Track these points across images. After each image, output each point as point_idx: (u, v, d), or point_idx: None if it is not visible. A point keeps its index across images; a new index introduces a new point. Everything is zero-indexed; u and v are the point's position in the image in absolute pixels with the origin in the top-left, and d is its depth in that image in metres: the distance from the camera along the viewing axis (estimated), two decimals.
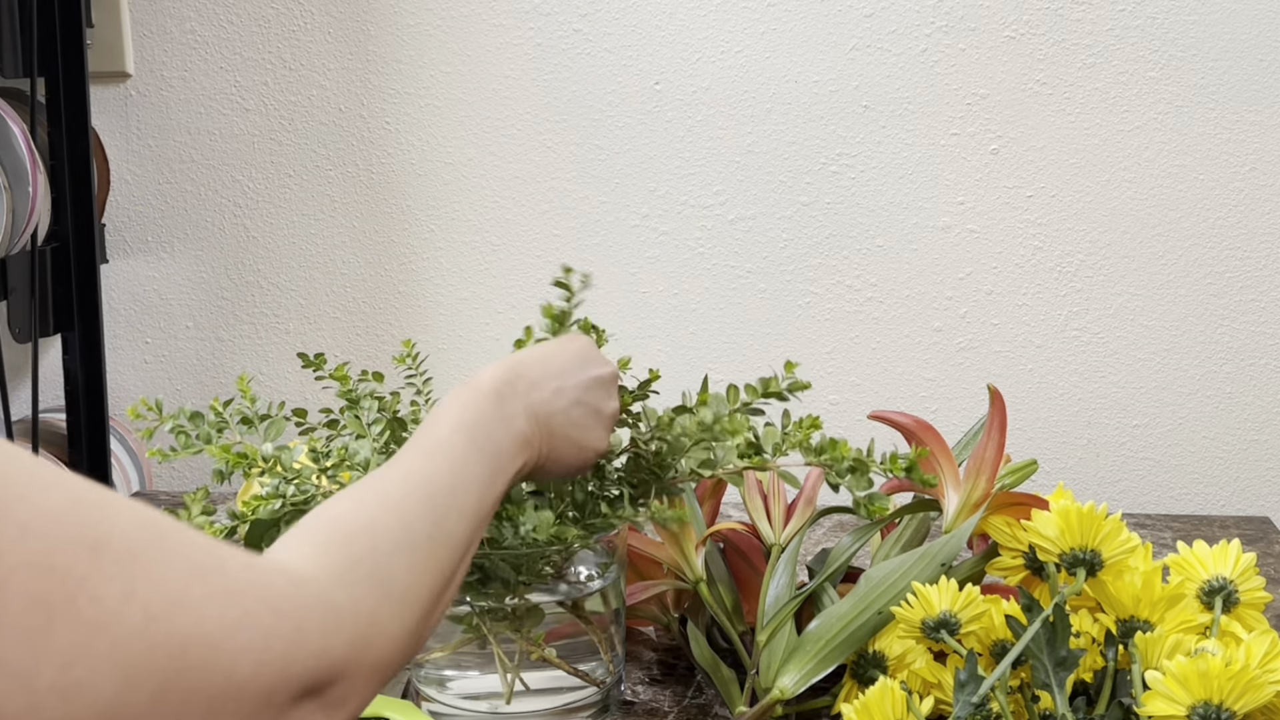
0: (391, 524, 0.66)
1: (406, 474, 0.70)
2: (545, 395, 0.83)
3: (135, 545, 0.53)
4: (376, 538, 0.64)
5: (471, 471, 0.74)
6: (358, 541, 0.63)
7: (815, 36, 1.49)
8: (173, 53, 1.57)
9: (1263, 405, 1.52)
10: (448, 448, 0.74)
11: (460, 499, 0.72)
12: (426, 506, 0.69)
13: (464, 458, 0.74)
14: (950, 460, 1.05)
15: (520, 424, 0.81)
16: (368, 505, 0.66)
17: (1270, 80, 1.45)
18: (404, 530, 0.66)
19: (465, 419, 0.77)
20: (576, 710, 0.99)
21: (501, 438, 0.78)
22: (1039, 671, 0.86)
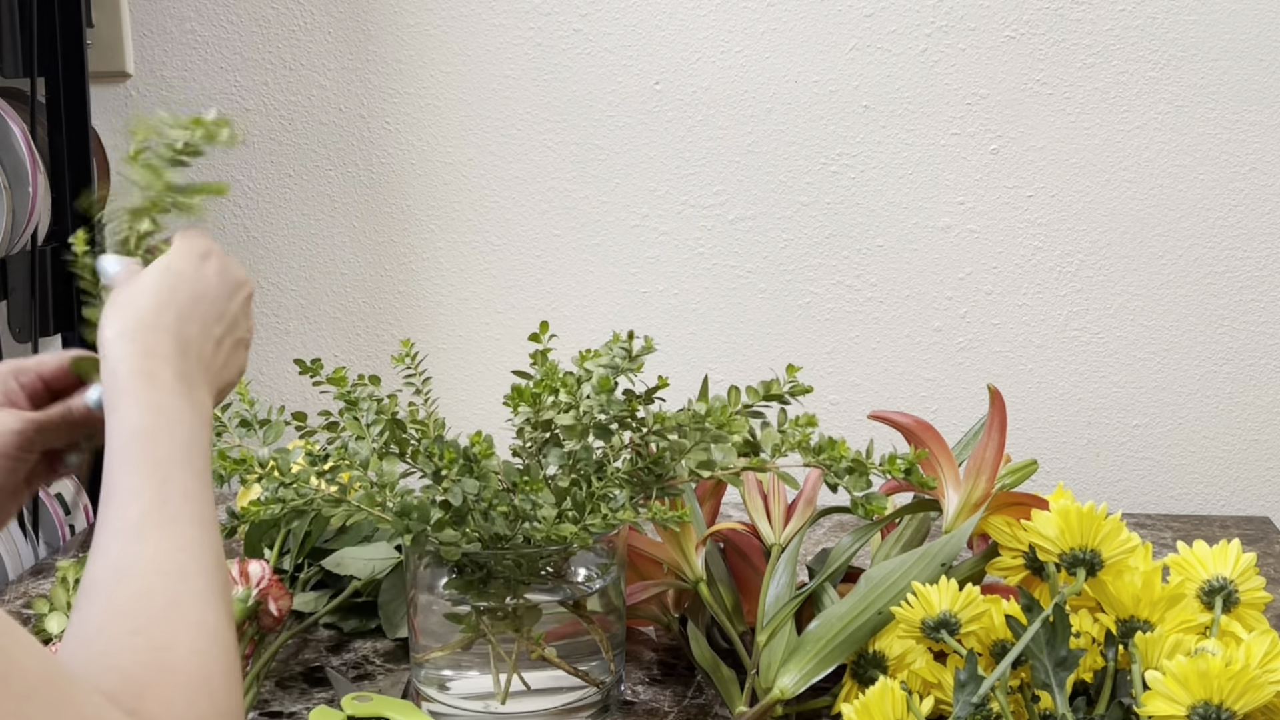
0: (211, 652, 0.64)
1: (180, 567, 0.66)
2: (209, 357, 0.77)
3: (31, 685, 0.53)
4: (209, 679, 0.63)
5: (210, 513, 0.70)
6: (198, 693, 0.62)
7: (815, 36, 1.49)
8: (173, 53, 1.57)
9: (1263, 405, 1.52)
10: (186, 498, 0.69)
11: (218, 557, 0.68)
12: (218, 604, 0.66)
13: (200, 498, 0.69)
14: (950, 460, 1.05)
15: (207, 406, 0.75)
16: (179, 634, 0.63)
17: (1270, 80, 1.45)
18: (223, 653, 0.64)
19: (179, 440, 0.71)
20: (576, 710, 0.99)
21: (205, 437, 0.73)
22: (1039, 671, 0.86)
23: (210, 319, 0.78)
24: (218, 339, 0.78)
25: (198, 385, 0.75)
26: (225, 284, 0.80)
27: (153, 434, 0.70)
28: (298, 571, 1.20)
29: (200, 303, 0.77)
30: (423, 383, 1.05)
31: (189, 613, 0.64)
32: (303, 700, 1.04)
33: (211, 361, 0.77)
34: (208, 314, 0.78)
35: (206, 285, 0.78)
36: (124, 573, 0.65)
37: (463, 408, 1.57)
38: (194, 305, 0.77)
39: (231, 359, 0.80)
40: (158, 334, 0.74)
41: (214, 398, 0.77)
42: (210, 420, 0.75)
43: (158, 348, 0.73)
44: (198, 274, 0.79)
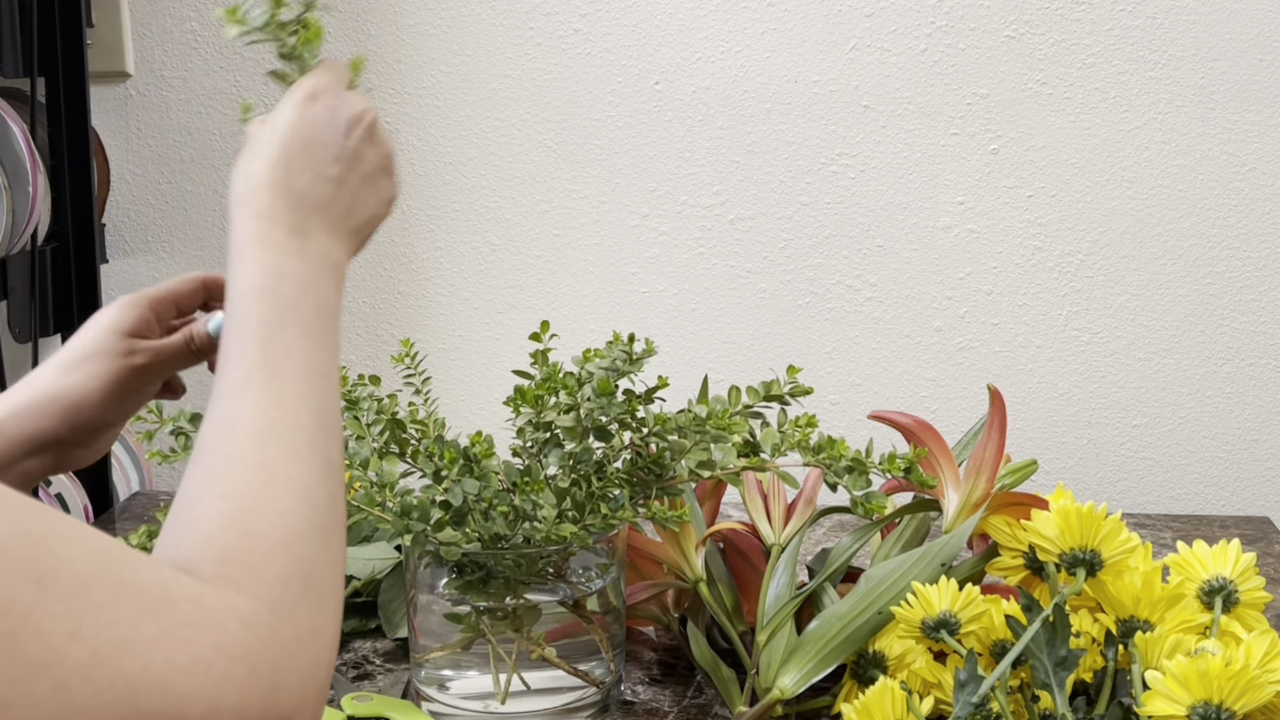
0: (299, 513, 0.61)
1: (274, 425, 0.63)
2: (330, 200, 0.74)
3: (84, 579, 0.51)
4: (294, 541, 0.60)
5: (318, 366, 0.67)
6: (281, 555, 0.59)
7: (815, 36, 1.49)
8: (173, 53, 1.57)
9: (1263, 405, 1.52)
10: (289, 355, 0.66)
11: (325, 417, 0.65)
12: (313, 462, 0.63)
13: (306, 353, 0.67)
14: (950, 460, 1.05)
15: (332, 254, 0.73)
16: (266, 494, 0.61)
17: (1270, 80, 1.45)
18: (313, 514, 0.61)
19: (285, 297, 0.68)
20: (576, 710, 0.99)
21: (322, 289, 0.71)
22: (1039, 671, 0.86)
23: (324, 161, 0.74)
24: (337, 178, 0.74)
25: (314, 234, 0.72)
26: (335, 121, 0.76)
27: (260, 293, 0.68)
28: None
29: (310, 148, 0.74)
30: (422, 383, 1.05)
31: (277, 471, 0.62)
32: None
33: (333, 204, 0.74)
34: (321, 158, 0.74)
35: (314, 128, 0.75)
36: (221, 435, 0.63)
37: (463, 408, 1.57)
38: (302, 153, 0.74)
39: (363, 193, 0.76)
40: (266, 191, 0.72)
41: (345, 239, 0.75)
42: (335, 265, 0.72)
43: (265, 207, 0.72)
44: (302, 119, 0.75)
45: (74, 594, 0.50)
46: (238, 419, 0.63)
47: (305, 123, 0.75)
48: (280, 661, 0.55)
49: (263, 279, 0.69)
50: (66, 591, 0.50)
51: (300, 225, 0.72)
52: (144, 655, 0.51)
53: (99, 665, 0.50)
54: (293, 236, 0.71)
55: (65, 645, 0.49)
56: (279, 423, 0.64)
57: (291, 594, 0.58)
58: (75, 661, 0.49)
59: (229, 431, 0.63)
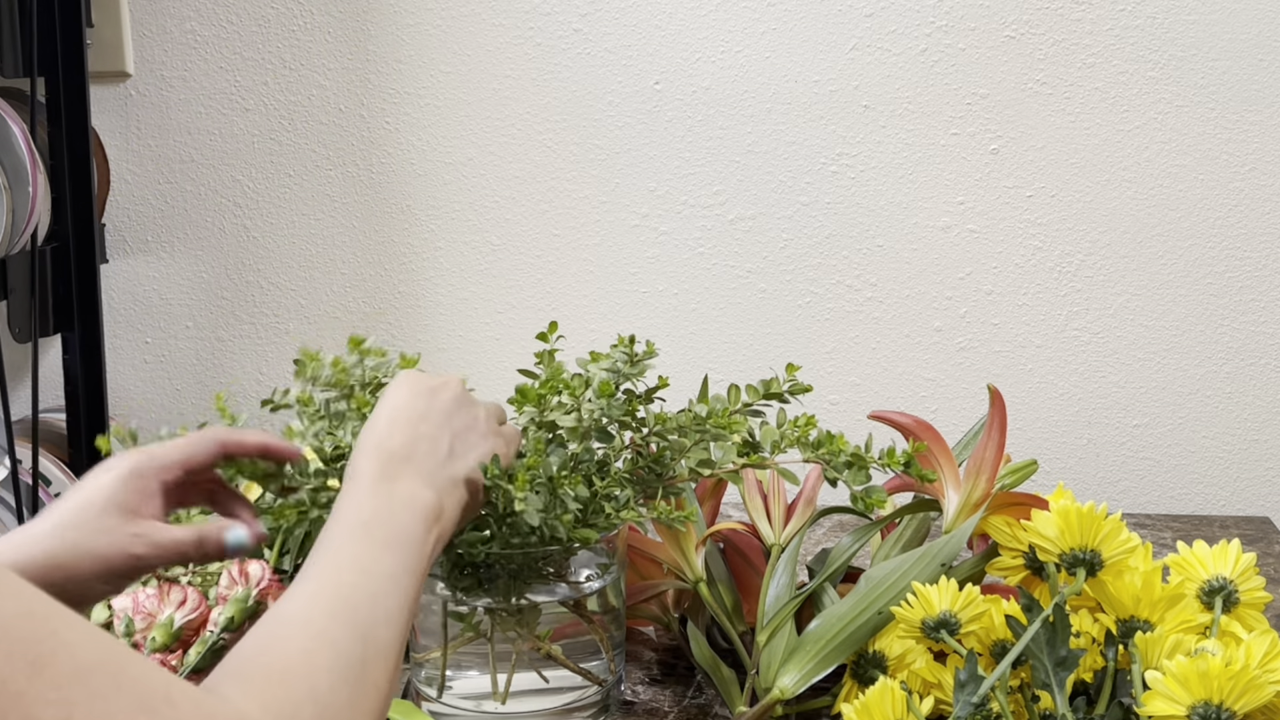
0: (323, 655, 0.63)
1: (323, 595, 0.68)
2: (424, 454, 0.80)
3: (83, 667, 0.51)
4: (313, 675, 0.62)
5: (385, 570, 0.71)
6: (296, 683, 0.61)
7: (815, 36, 1.49)
8: (173, 53, 1.57)
9: (1263, 405, 1.52)
10: (351, 557, 0.71)
11: (382, 605, 0.69)
12: (352, 627, 0.66)
13: (373, 561, 0.71)
14: (950, 460, 1.05)
15: (421, 495, 0.78)
16: (297, 638, 0.64)
17: (1270, 80, 1.45)
18: (337, 659, 0.64)
19: (362, 518, 0.74)
20: (576, 710, 0.99)
21: (404, 519, 0.75)
22: (1039, 671, 0.86)
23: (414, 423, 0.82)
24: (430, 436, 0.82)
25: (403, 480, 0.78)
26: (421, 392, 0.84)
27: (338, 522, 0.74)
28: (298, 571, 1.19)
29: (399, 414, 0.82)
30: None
31: (312, 624, 0.65)
32: None
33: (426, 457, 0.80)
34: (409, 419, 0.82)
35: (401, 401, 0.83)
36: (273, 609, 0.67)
37: None
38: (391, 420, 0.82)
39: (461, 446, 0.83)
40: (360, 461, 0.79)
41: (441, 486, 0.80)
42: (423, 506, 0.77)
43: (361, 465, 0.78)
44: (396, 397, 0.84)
45: (70, 681, 0.50)
46: (290, 597, 0.68)
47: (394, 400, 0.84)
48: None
49: (343, 513, 0.75)
50: (63, 678, 0.50)
51: (390, 473, 0.78)
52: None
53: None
54: (382, 481, 0.77)
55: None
56: (327, 595, 0.68)
57: (297, 711, 0.60)
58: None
59: (281, 605, 0.67)
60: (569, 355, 1.03)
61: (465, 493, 0.82)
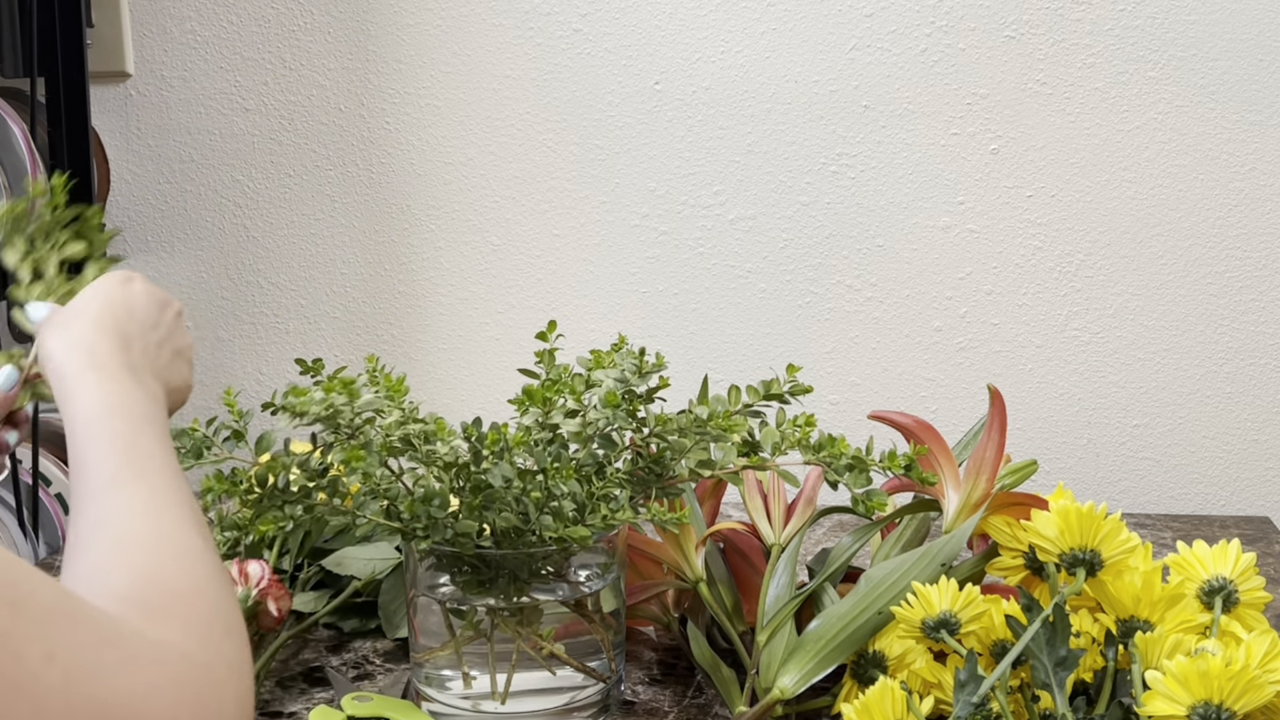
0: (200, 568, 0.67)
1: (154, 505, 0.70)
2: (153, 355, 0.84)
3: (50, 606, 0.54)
4: (203, 590, 0.66)
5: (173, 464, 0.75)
6: (197, 602, 0.65)
7: (815, 36, 1.49)
8: (173, 53, 1.57)
9: (1263, 405, 1.52)
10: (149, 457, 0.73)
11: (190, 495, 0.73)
12: (196, 529, 0.70)
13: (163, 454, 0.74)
14: (950, 460, 1.05)
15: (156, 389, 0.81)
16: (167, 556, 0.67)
17: (1270, 80, 1.45)
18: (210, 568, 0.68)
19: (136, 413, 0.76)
20: (576, 710, 0.99)
21: (159, 412, 0.79)
22: (1039, 671, 0.86)
23: (145, 326, 0.85)
24: (157, 343, 0.85)
25: (145, 374, 0.81)
26: (153, 299, 0.88)
27: (109, 411, 0.75)
28: (297, 571, 1.20)
29: (133, 312, 0.85)
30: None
31: (172, 540, 0.68)
32: (303, 700, 1.04)
33: (155, 360, 0.84)
34: (143, 321, 0.85)
35: (134, 298, 0.86)
36: (104, 523, 0.68)
37: (462, 408, 1.57)
38: (127, 314, 0.84)
39: (174, 365, 0.86)
40: (99, 336, 0.81)
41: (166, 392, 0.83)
42: (162, 404, 0.81)
43: (100, 347, 0.80)
44: (125, 291, 0.86)
45: (44, 619, 0.53)
46: (116, 509, 0.69)
47: (127, 294, 0.86)
48: (218, 693, 0.61)
49: (109, 399, 0.76)
50: (38, 617, 0.53)
51: (131, 364, 0.81)
52: (109, 681, 0.55)
53: (72, 688, 0.53)
54: (127, 370, 0.80)
55: (41, 668, 0.52)
56: (158, 504, 0.70)
57: (216, 634, 0.64)
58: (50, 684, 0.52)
59: (110, 520, 0.69)
60: (569, 355, 1.03)
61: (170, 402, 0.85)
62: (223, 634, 0.64)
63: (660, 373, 0.98)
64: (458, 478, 0.95)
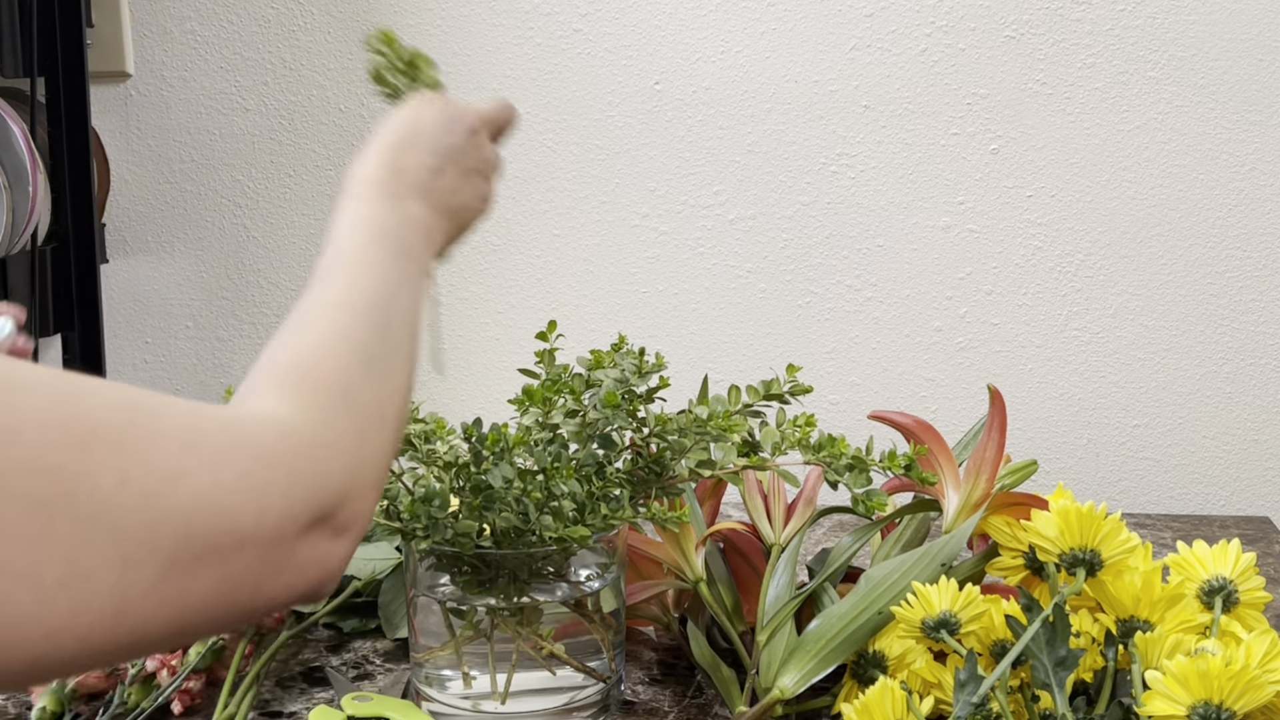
0: (349, 351, 0.67)
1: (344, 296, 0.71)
2: (427, 178, 0.83)
3: (122, 430, 0.54)
4: (341, 370, 0.66)
5: (397, 276, 0.75)
6: (326, 377, 0.65)
7: (815, 36, 1.49)
8: (173, 53, 1.57)
9: (1263, 405, 1.52)
10: (368, 263, 0.74)
11: (396, 307, 0.73)
12: (372, 324, 0.70)
13: (386, 267, 0.75)
14: (950, 460, 1.05)
15: (422, 217, 0.81)
16: (323, 338, 0.68)
17: (1270, 80, 1.45)
18: (362, 354, 0.68)
19: (373, 230, 0.77)
20: (576, 710, 0.99)
21: (409, 237, 0.79)
22: (1039, 671, 0.86)
23: (427, 149, 0.84)
24: (438, 168, 0.84)
25: (407, 202, 0.81)
26: (441, 118, 0.86)
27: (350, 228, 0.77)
28: None
29: (417, 138, 0.84)
30: None
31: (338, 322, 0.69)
32: (303, 700, 1.04)
33: (432, 185, 0.83)
34: (425, 145, 0.84)
35: (421, 123, 0.85)
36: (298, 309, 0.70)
37: (462, 407, 1.57)
38: (410, 141, 0.84)
39: (462, 184, 0.86)
40: (374, 168, 0.81)
41: (439, 215, 0.84)
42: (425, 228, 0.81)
43: (370, 177, 0.81)
44: (415, 115, 0.86)
45: (115, 446, 0.53)
46: (312, 300, 0.71)
47: (416, 119, 0.86)
48: (320, 465, 0.61)
49: (355, 219, 0.77)
50: (108, 446, 0.53)
51: (396, 192, 0.81)
52: (191, 485, 0.55)
53: (150, 503, 0.53)
54: (387, 198, 0.80)
55: (117, 493, 0.53)
56: (348, 299, 0.71)
57: (332, 407, 0.63)
58: (128, 506, 0.53)
59: (304, 307, 0.70)
60: (568, 355, 1.03)
61: (451, 224, 0.86)
62: (341, 409, 0.64)
63: (660, 373, 0.98)
64: (458, 477, 0.95)
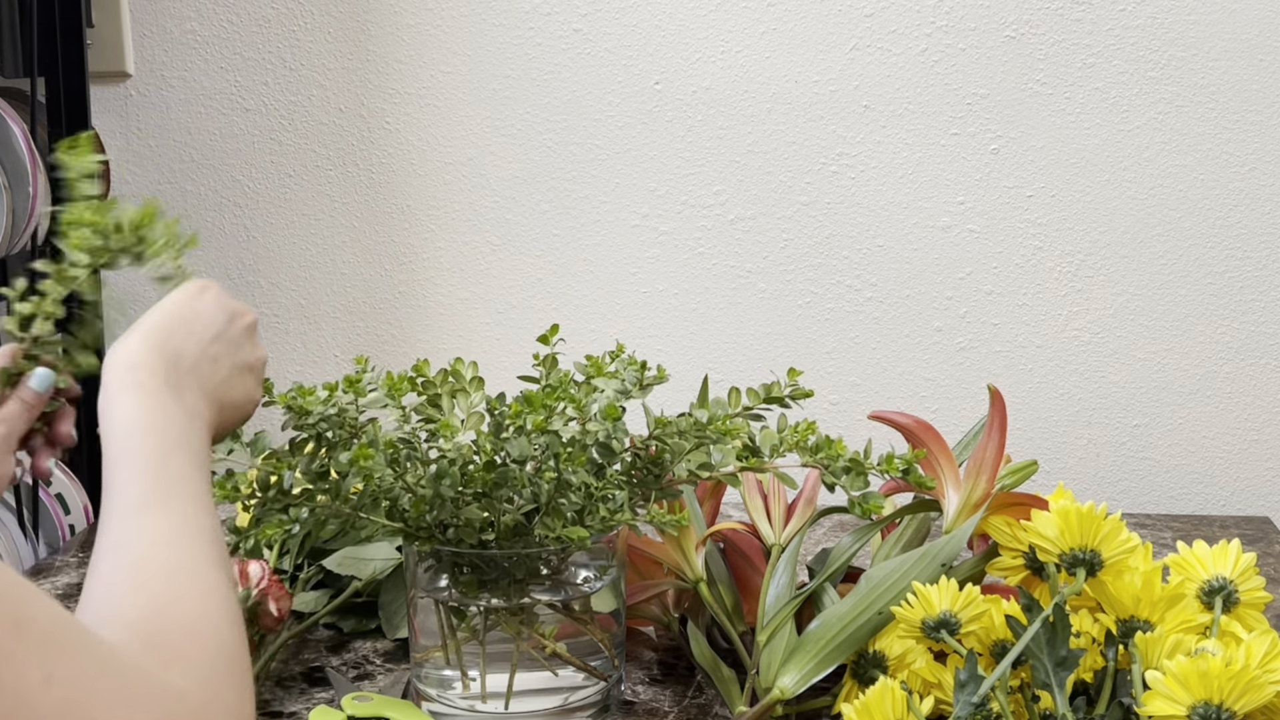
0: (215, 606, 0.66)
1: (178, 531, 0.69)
2: (206, 371, 0.81)
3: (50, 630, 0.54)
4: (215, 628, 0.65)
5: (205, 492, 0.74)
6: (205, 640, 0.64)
7: (815, 36, 1.49)
8: (173, 53, 1.57)
9: (1263, 405, 1.52)
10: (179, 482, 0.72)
11: (217, 531, 0.72)
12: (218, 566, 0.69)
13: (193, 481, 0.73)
14: (950, 460, 1.05)
15: (202, 412, 0.79)
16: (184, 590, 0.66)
17: (1270, 80, 1.45)
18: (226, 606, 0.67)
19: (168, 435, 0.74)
20: (576, 710, 0.99)
21: (197, 434, 0.77)
22: (1039, 671, 0.86)
23: (205, 338, 0.82)
24: (214, 357, 0.82)
25: (189, 391, 0.79)
26: (221, 310, 0.85)
27: (144, 429, 0.74)
28: (298, 571, 1.20)
29: (194, 324, 0.82)
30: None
31: (188, 571, 0.67)
32: (303, 700, 1.04)
33: (210, 376, 0.81)
34: (202, 333, 0.82)
35: (200, 309, 0.84)
36: (125, 546, 0.68)
37: None
38: (187, 326, 0.82)
39: (235, 380, 0.84)
40: (146, 352, 0.79)
41: (213, 410, 0.81)
42: (205, 424, 0.79)
43: (145, 362, 0.78)
44: (192, 302, 0.84)
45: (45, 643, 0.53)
46: (140, 533, 0.68)
47: (194, 305, 0.84)
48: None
49: (145, 417, 0.74)
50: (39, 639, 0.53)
51: (175, 381, 0.78)
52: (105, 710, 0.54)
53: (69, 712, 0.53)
54: (168, 388, 0.77)
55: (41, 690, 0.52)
56: (181, 534, 0.69)
57: (218, 673, 0.63)
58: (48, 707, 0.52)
59: (133, 544, 0.68)
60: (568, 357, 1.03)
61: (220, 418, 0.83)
62: (224, 674, 0.63)
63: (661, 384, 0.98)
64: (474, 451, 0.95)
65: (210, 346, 0.82)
